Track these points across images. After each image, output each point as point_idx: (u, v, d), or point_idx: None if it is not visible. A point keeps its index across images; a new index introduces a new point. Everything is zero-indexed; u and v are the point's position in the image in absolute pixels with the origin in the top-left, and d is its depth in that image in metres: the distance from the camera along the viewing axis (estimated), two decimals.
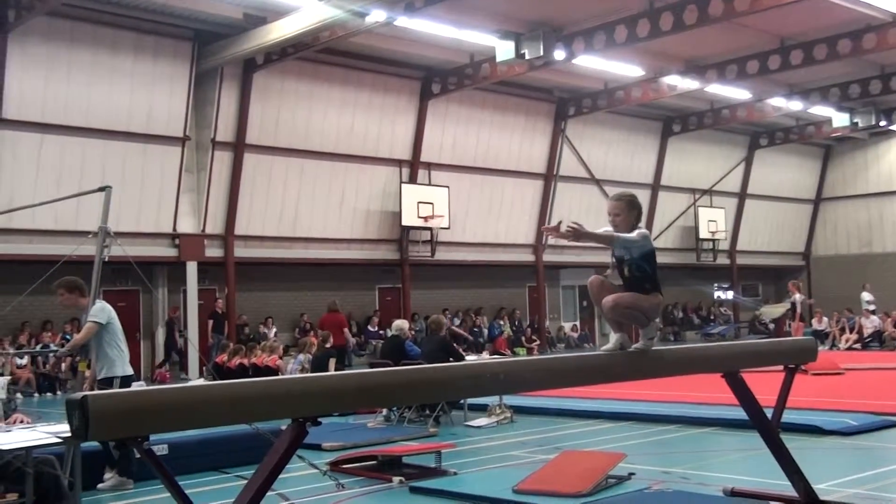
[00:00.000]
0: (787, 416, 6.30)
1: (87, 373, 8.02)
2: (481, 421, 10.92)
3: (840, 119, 27.08)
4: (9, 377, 10.60)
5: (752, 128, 30.32)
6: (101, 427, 3.43)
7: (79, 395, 3.41)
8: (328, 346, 14.91)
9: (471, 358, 14.27)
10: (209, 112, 19.26)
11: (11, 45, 16.52)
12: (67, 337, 17.19)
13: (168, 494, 3.76)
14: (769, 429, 5.87)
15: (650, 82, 22.82)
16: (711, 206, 30.61)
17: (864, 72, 23.87)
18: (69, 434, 3.59)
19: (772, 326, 28.79)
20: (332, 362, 13.84)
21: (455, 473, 7.69)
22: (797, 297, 20.79)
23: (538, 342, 25.60)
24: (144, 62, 18.23)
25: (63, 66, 17.28)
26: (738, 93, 24.58)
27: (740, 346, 7.97)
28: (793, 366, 6.08)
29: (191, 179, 19.44)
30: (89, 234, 7.97)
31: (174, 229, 19.11)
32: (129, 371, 7.86)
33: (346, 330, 19.52)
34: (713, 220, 30.25)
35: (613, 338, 5.02)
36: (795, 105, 25.90)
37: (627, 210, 5.03)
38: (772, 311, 28.61)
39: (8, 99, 16.70)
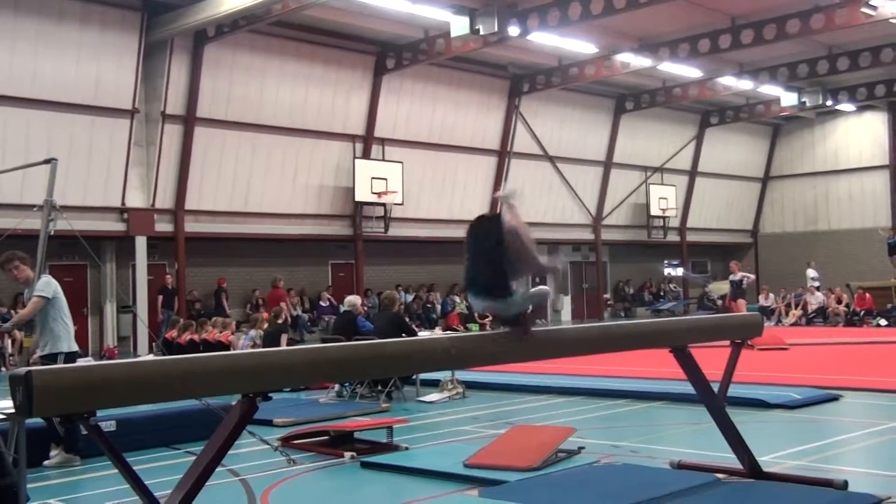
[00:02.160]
0: (733, 390, 6.42)
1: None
2: (433, 396, 10.97)
3: (788, 98, 27.49)
4: None
5: (702, 106, 30.66)
6: (45, 403, 3.38)
7: (23, 370, 3.35)
8: (280, 321, 14.83)
9: (423, 334, 14.29)
10: (159, 84, 18.92)
11: None
12: (6, 316, 16.79)
13: (116, 471, 3.72)
14: (715, 403, 5.98)
15: (604, 60, 22.91)
16: (662, 184, 30.95)
17: (812, 52, 24.25)
18: (13, 410, 3.53)
19: (720, 303, 29.26)
20: (285, 338, 13.78)
21: (406, 448, 7.73)
22: (739, 275, 21.07)
23: (490, 318, 25.70)
24: (92, 32, 17.81)
25: (7, 35, 16.81)
26: (689, 71, 24.79)
27: (688, 322, 8.10)
28: (739, 341, 6.20)
29: (140, 153, 19.11)
30: (34, 207, 7.80)
31: (123, 203, 18.80)
32: (74, 347, 7.74)
33: (282, 304, 19.50)
34: (664, 198, 30.59)
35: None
36: (745, 84, 26.23)
37: None
38: (720, 287, 29.05)
39: None
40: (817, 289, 25.90)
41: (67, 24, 17.50)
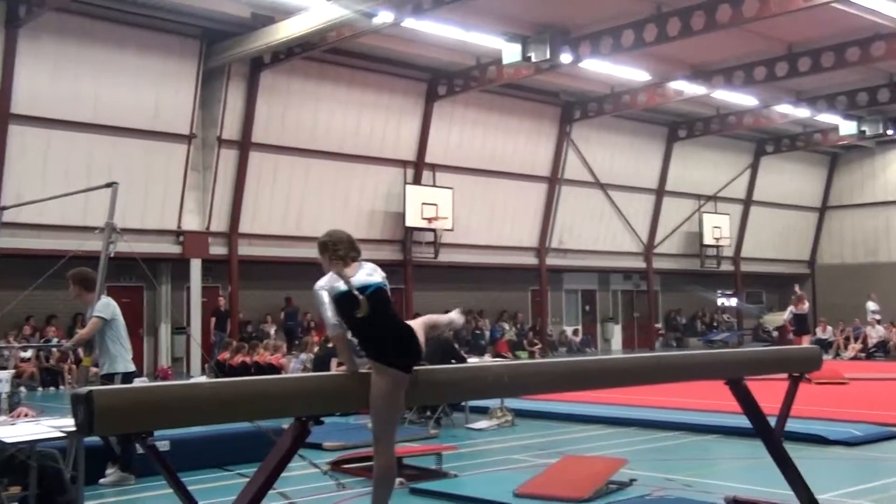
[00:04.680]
0: (791, 425, 6.27)
1: (93, 369, 8.01)
2: (482, 424, 10.91)
3: (847, 127, 27.06)
4: (13, 371, 10.58)
5: (758, 134, 30.30)
6: (106, 422, 3.44)
7: (84, 389, 3.41)
8: (330, 345, 14.90)
9: (472, 360, 14.25)
10: (216, 110, 19.30)
11: (22, 41, 16.59)
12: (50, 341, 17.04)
13: (170, 490, 3.76)
14: (773, 437, 5.85)
15: (656, 87, 22.80)
16: (716, 213, 30.59)
17: (872, 80, 23.85)
18: (73, 428, 3.59)
19: (775, 334, 28.74)
20: (335, 362, 13.83)
21: (456, 476, 7.69)
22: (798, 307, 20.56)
23: (540, 346, 25.57)
24: (152, 59, 18.26)
25: (71, 62, 17.32)
26: (744, 99, 24.55)
27: (744, 354, 7.96)
28: (797, 374, 6.07)
29: (196, 177, 19.47)
30: (96, 229, 7.96)
31: (179, 226, 19.15)
32: (131, 368, 7.84)
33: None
34: (717, 227, 30.21)
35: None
36: (802, 112, 25.88)
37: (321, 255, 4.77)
38: (775, 318, 28.56)
39: (17, 94, 16.77)
40: (878, 322, 25.29)
41: (129, 51, 17.96)
